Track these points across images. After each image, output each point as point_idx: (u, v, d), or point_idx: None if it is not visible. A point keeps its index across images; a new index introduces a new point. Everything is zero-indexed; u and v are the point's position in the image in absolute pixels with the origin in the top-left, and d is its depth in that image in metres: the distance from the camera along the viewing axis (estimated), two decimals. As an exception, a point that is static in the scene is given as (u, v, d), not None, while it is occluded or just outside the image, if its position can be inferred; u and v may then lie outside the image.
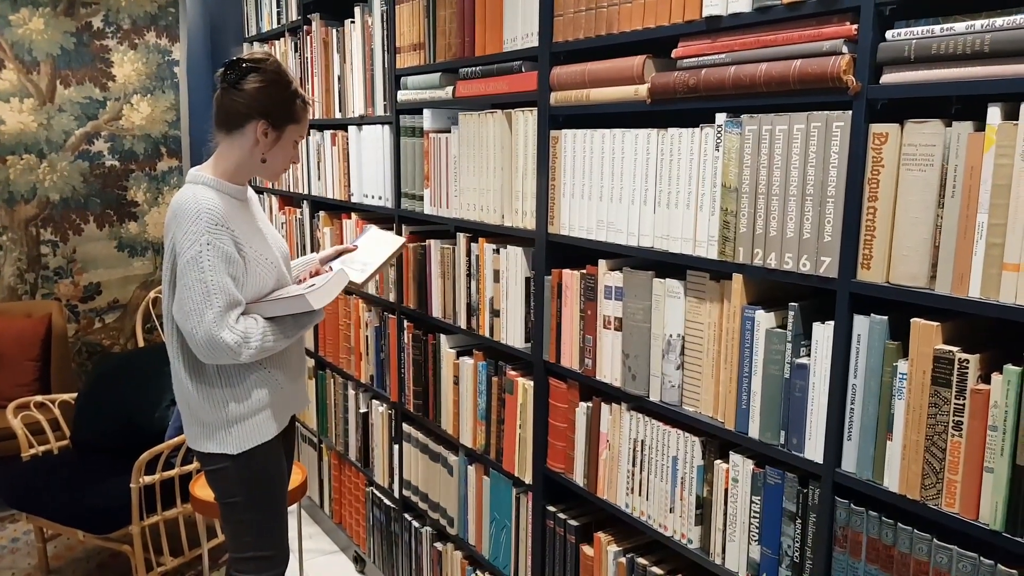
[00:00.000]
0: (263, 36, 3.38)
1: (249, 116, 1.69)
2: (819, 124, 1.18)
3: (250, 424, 1.76)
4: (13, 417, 2.83)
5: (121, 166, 3.97)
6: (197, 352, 1.66)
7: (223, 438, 1.75)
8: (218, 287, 1.62)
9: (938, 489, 1.08)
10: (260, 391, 1.77)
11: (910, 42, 1.07)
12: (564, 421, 1.78)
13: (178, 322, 1.67)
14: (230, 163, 1.74)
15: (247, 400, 1.75)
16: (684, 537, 1.49)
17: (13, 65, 3.67)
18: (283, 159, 1.77)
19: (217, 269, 1.62)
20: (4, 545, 3.03)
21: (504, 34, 1.83)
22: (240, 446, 1.76)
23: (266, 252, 1.77)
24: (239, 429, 1.75)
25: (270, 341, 1.70)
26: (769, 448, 1.31)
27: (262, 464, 1.80)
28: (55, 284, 3.90)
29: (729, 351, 1.36)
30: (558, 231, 1.73)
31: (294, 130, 1.75)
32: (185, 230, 1.62)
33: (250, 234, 1.73)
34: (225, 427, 1.75)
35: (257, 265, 1.72)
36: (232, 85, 1.68)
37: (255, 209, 1.85)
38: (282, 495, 1.90)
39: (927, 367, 1.08)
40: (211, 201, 1.65)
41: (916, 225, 1.09)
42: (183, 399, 1.79)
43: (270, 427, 1.80)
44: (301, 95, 1.75)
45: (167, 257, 1.68)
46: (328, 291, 1.75)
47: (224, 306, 1.63)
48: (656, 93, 1.43)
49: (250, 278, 1.71)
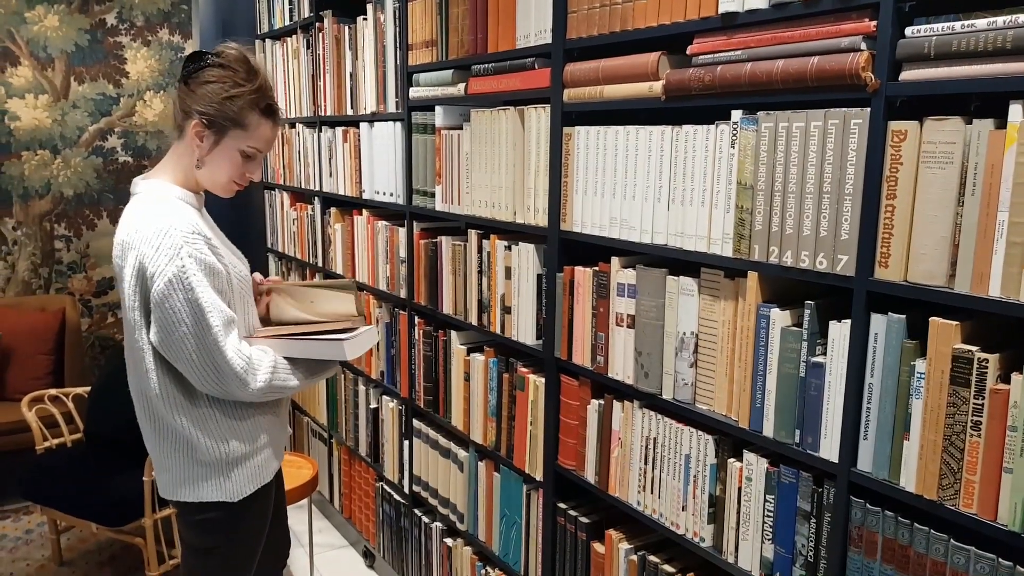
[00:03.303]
0: (275, 33, 3.39)
1: (188, 114, 1.46)
2: (837, 121, 1.17)
3: (252, 464, 1.54)
4: (27, 410, 2.85)
5: (134, 162, 3.99)
6: (203, 385, 1.43)
7: (220, 483, 1.51)
8: (210, 304, 1.40)
9: (956, 489, 1.07)
10: (260, 421, 1.55)
11: (930, 39, 1.06)
12: (575, 418, 1.77)
13: (168, 357, 1.43)
14: (178, 168, 1.51)
15: (250, 436, 1.52)
16: (696, 535, 1.48)
17: (28, 62, 3.69)
18: (224, 170, 1.49)
19: (204, 284, 1.40)
20: (19, 537, 3.06)
21: (517, 31, 1.83)
22: (241, 491, 1.53)
23: (241, 268, 1.56)
24: (240, 472, 1.52)
25: (280, 380, 1.48)
26: (783, 447, 1.30)
27: (259, 512, 1.59)
28: (68, 279, 3.92)
29: (743, 349, 1.36)
30: (570, 228, 1.72)
31: (240, 137, 1.47)
32: (156, 247, 1.38)
33: (222, 246, 1.53)
34: (224, 469, 1.51)
35: (237, 281, 1.51)
36: (184, 79, 1.48)
37: (210, 221, 1.60)
38: (259, 549, 1.65)
39: (945, 367, 1.07)
40: (175, 211, 1.43)
41: (935, 223, 1.08)
42: (161, 440, 1.52)
43: (271, 465, 1.60)
44: (265, 102, 1.48)
45: (130, 288, 1.42)
46: (362, 344, 1.55)
47: (222, 325, 1.41)
48: (671, 90, 1.42)
49: (235, 295, 1.50)
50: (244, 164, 1.51)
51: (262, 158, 1.55)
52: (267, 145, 1.52)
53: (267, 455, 1.58)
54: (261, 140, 1.50)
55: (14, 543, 3.01)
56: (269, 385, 1.47)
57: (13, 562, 2.88)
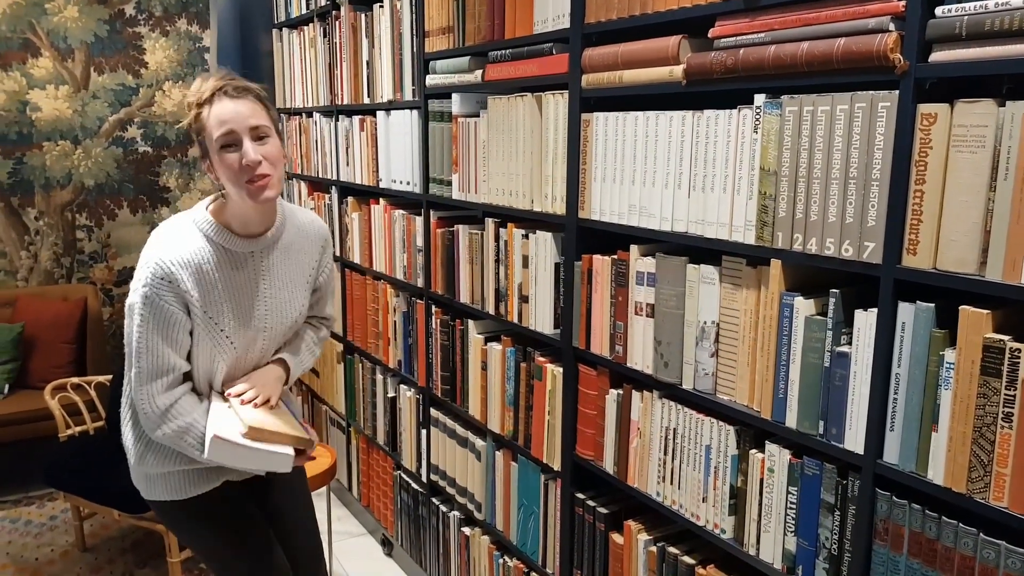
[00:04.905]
0: (292, 22, 3.38)
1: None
2: (864, 104, 1.14)
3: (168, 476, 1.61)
4: (51, 398, 2.88)
5: (153, 152, 4.01)
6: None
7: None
8: (144, 347, 1.45)
9: (986, 482, 1.04)
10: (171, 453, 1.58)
11: (962, 18, 1.03)
12: (594, 408, 1.76)
13: None
14: (220, 200, 1.56)
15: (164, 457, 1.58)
16: (717, 527, 1.46)
17: (49, 53, 3.71)
18: (226, 176, 1.47)
19: (148, 327, 1.45)
20: (43, 523, 3.11)
21: (535, 16, 1.80)
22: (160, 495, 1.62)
23: (223, 321, 1.53)
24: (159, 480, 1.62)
25: (185, 444, 1.50)
26: (807, 438, 1.28)
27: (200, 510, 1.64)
28: (90, 268, 3.96)
29: (766, 339, 1.33)
30: (588, 216, 1.70)
31: (209, 139, 1.46)
32: (139, 267, 1.47)
33: (222, 294, 1.52)
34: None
35: (209, 331, 1.51)
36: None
37: (272, 262, 1.59)
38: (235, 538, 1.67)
39: (976, 356, 1.04)
40: (174, 241, 1.48)
41: (966, 209, 1.04)
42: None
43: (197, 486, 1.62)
44: (200, 98, 1.46)
45: None
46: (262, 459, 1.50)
47: (147, 370, 1.46)
48: (692, 74, 1.39)
49: (202, 347, 1.52)
50: (229, 156, 1.45)
51: (243, 140, 1.45)
52: (221, 124, 1.44)
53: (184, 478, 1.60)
54: (215, 124, 1.44)
55: (39, 529, 3.06)
56: (171, 440, 1.50)
57: (38, 547, 2.92)
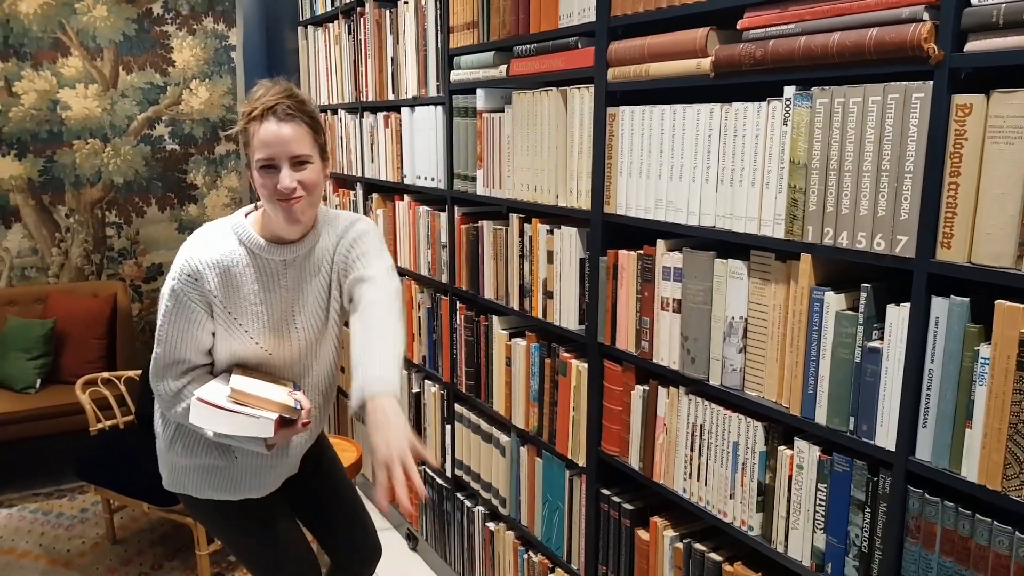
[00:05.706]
0: (317, 19, 3.40)
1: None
2: (897, 96, 1.12)
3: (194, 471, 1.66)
4: (81, 393, 2.94)
5: (181, 150, 4.06)
6: None
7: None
8: (165, 336, 1.52)
9: (1022, 480, 1.02)
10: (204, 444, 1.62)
11: (999, 6, 1.01)
12: (619, 404, 1.75)
13: None
14: (260, 209, 1.58)
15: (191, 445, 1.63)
16: (744, 524, 1.45)
17: (78, 52, 3.77)
18: (261, 193, 1.48)
19: (171, 317, 1.51)
20: (74, 515, 3.16)
21: (560, 10, 1.80)
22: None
23: (247, 322, 1.55)
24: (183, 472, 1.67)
25: (192, 422, 1.49)
26: (837, 435, 1.26)
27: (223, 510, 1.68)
28: (120, 265, 4.02)
29: (795, 334, 1.32)
30: (614, 211, 1.69)
31: (252, 153, 1.48)
32: (175, 260, 1.53)
33: (248, 297, 1.54)
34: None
35: (232, 330, 1.54)
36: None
37: (302, 267, 1.58)
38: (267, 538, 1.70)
39: (1012, 351, 1.02)
40: (212, 241, 1.52)
41: (1002, 201, 1.02)
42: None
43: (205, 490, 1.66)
44: (252, 112, 1.45)
45: None
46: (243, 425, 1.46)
47: (162, 357, 1.53)
48: (720, 66, 1.38)
49: (223, 343, 1.55)
50: (266, 176, 1.45)
51: (281, 167, 1.45)
52: (264, 147, 1.44)
53: (208, 476, 1.63)
54: (259, 145, 1.45)
55: (70, 521, 3.12)
56: (184, 418, 1.53)
57: (69, 539, 2.98)
